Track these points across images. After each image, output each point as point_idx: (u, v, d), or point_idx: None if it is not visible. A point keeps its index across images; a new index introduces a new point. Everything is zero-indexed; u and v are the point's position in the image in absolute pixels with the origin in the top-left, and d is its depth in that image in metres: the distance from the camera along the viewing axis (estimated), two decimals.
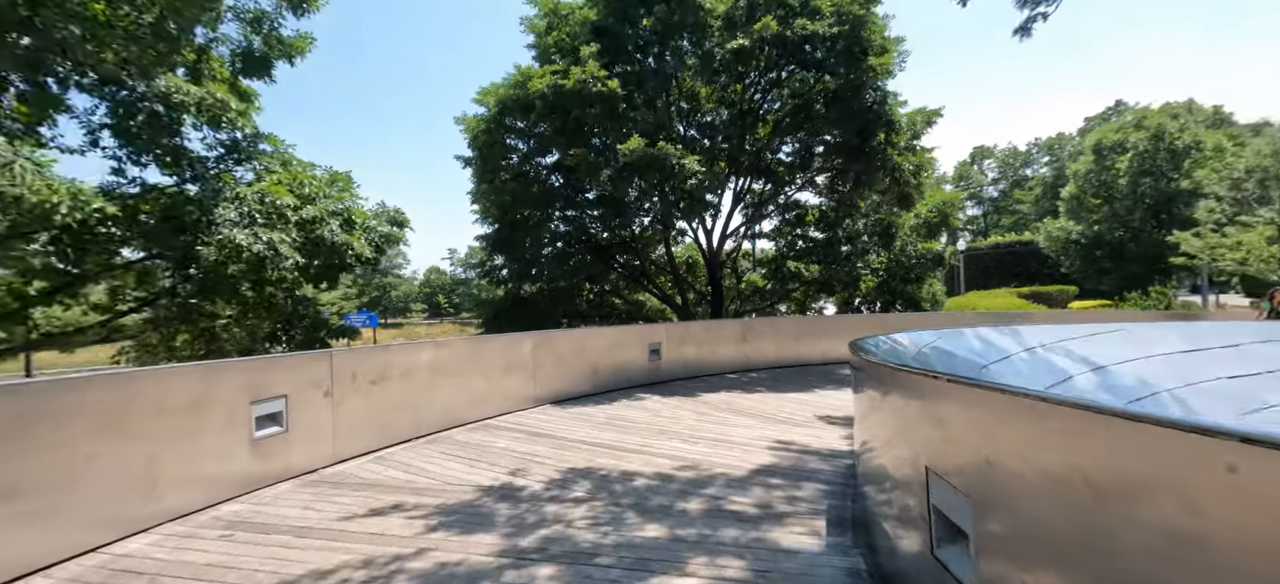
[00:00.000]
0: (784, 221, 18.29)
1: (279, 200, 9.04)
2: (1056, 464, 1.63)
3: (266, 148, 10.67)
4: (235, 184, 9.00)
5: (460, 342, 7.82)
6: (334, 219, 9.70)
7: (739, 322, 12.20)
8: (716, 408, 8.14)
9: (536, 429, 6.87)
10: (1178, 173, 26.69)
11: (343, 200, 10.34)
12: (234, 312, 9.71)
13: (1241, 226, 20.85)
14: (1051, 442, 1.65)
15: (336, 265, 9.85)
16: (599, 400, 8.72)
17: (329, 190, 10.48)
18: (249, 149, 10.17)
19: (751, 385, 10.07)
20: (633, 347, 10.18)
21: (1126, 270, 28.49)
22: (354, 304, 52.82)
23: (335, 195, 10.44)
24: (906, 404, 2.86)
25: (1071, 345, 8.18)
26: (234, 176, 9.80)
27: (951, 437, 2.38)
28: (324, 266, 9.74)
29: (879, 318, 16.16)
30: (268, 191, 9.01)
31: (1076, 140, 58.20)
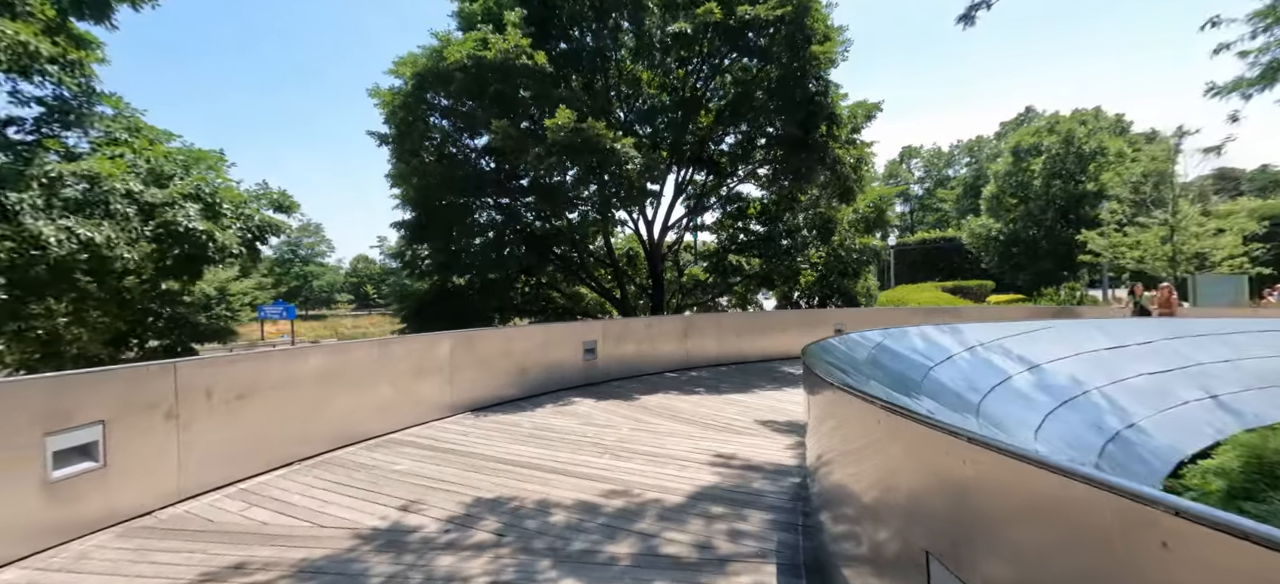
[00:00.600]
0: (726, 214, 17.98)
1: (111, 180, 7.32)
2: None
3: (105, 111, 8.76)
4: (44, 161, 7.09)
5: (361, 345, 6.79)
6: (190, 203, 8.18)
7: (681, 318, 11.68)
8: (654, 413, 7.53)
9: (448, 444, 6.00)
10: (1084, 175, 28.68)
11: (203, 181, 8.74)
12: (67, 312, 8.04)
13: (1139, 227, 22.50)
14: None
15: (195, 258, 8.34)
16: (526, 406, 7.91)
17: (195, 167, 8.92)
18: (80, 110, 8.22)
19: (691, 385, 9.55)
20: (566, 345, 9.42)
21: (1039, 267, 30.40)
22: (269, 295, 48.88)
23: (198, 175, 8.88)
24: (893, 448, 2.27)
25: (1008, 343, 8.15)
26: (64, 144, 8.04)
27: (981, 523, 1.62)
28: (182, 259, 8.24)
29: (818, 313, 16.16)
30: (97, 169, 7.29)
31: (993, 143, 61.99)
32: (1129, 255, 22.68)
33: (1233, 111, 8.77)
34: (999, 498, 1.48)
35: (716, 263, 18.29)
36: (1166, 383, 8.28)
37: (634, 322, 11.15)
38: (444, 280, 13.64)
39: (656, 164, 10.87)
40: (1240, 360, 9.11)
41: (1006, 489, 1.46)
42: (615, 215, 15.31)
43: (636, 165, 10.00)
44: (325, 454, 5.62)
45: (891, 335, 6.79)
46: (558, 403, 8.17)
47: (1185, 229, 20.81)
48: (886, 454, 2.44)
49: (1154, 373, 8.38)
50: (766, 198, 17.16)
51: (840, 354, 5.09)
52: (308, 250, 58.10)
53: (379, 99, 11.88)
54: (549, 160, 10.13)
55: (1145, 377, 8.27)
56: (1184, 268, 21.48)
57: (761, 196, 17.36)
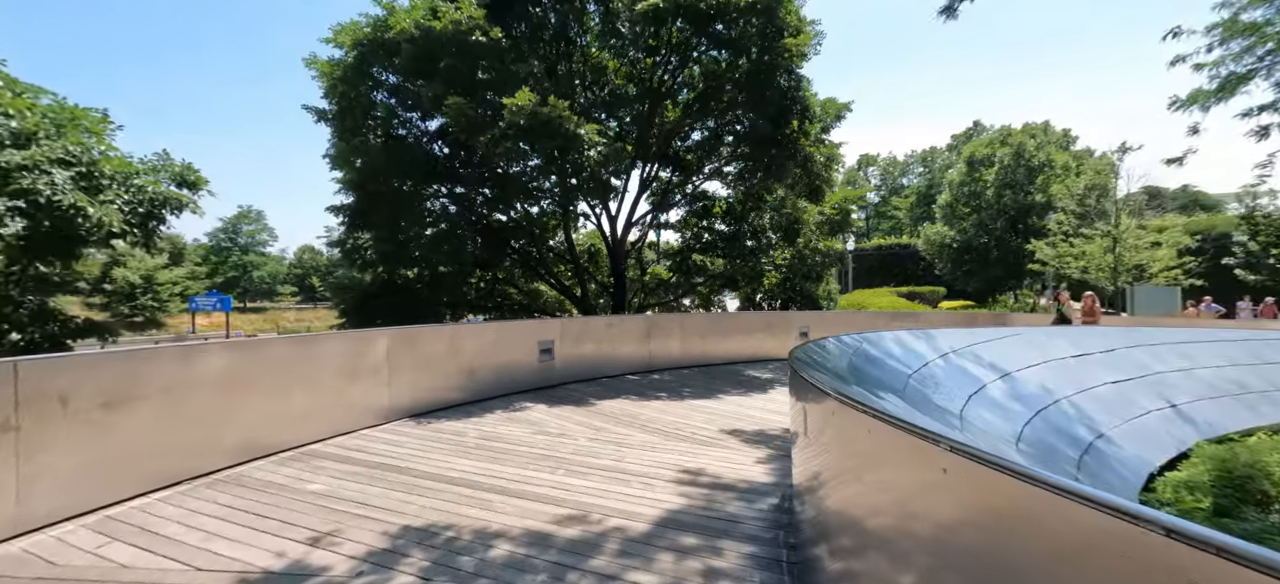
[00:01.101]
0: (691, 213, 17.53)
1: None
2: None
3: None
4: None
5: (278, 342, 5.94)
6: (58, 170, 6.97)
7: (644, 318, 11.13)
8: (614, 420, 6.93)
9: (378, 457, 5.23)
10: (1033, 186, 29.79)
11: (78, 145, 7.49)
12: None
13: (1084, 238, 23.40)
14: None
15: (67, 236, 7.13)
16: (473, 412, 7.18)
17: (70, 129, 7.66)
18: None
19: (654, 390, 9.00)
20: (520, 345, 8.71)
21: (990, 274, 31.41)
22: (203, 285, 45.74)
23: (73, 138, 7.65)
24: (915, 474, 1.77)
25: (979, 350, 7.94)
26: None
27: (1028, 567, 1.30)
28: (48, 236, 7.02)
29: (782, 315, 15.91)
30: None
31: (945, 155, 64.21)
32: (1074, 265, 23.56)
33: (1193, 123, 8.90)
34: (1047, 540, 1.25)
35: (680, 262, 17.82)
36: (1129, 392, 8.30)
37: (594, 321, 10.53)
38: (390, 272, 12.64)
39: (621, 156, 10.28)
40: (1194, 370, 9.27)
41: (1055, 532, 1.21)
42: (577, 208, 14.63)
43: (600, 153, 9.37)
44: (225, 471, 4.77)
45: (868, 340, 6.43)
46: (509, 408, 7.47)
47: (1126, 241, 21.72)
48: (905, 481, 1.97)
49: (1117, 381, 8.39)
50: (732, 197, 16.81)
51: (831, 359, 4.63)
52: (248, 239, 54.66)
53: (317, 70, 10.82)
54: (506, 144, 9.38)
55: (1109, 386, 8.27)
56: (1124, 278, 22.43)
57: (728, 195, 17.01)
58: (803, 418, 3.41)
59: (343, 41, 10.55)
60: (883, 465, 2.17)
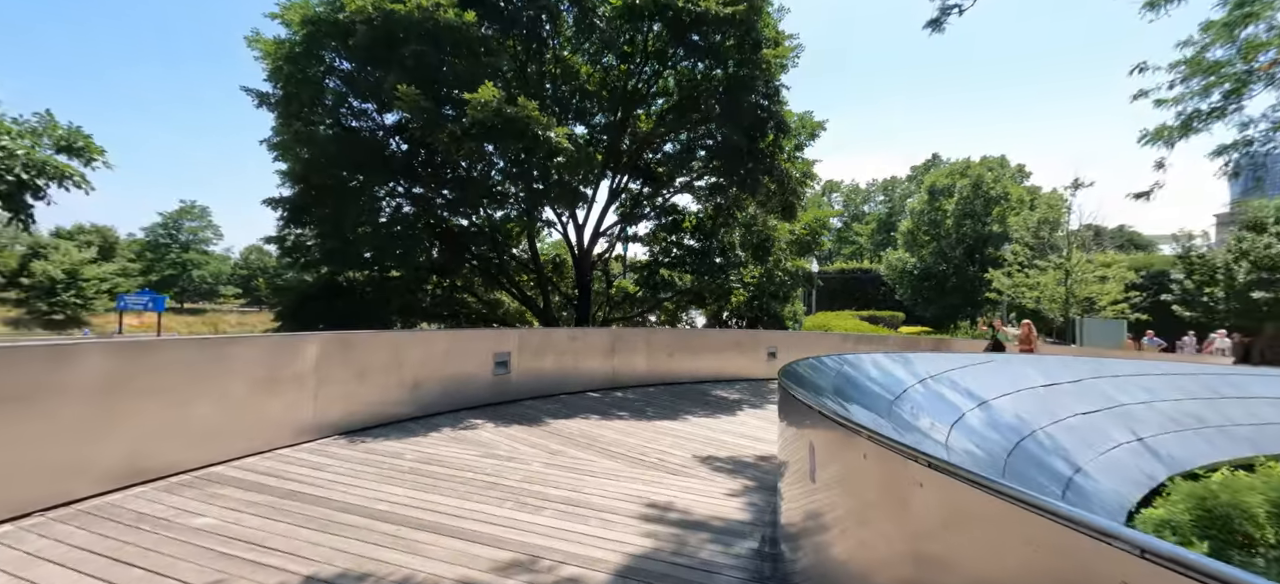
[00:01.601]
0: (660, 226, 17.12)
1: None
2: None
3: None
4: None
5: (178, 343, 5.09)
6: None
7: (608, 332, 10.54)
8: (573, 443, 6.30)
9: (293, 483, 4.46)
10: (990, 217, 30.78)
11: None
12: None
13: (1038, 269, 24.16)
14: None
15: None
16: (415, 430, 6.43)
17: None
18: None
19: (617, 409, 8.40)
20: (473, 356, 7.99)
21: (947, 301, 32.17)
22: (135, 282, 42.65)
23: None
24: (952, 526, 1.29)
25: (955, 376, 7.67)
26: None
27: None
28: None
29: (750, 334, 15.58)
30: None
31: (905, 184, 66.33)
32: (1028, 296, 24.24)
33: (1158, 158, 9.01)
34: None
35: (647, 276, 17.36)
36: (1099, 423, 8.21)
37: (556, 332, 9.89)
38: (333, 274, 11.66)
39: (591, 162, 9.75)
40: (1155, 402, 9.30)
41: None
42: (543, 215, 14.00)
43: (569, 157, 8.80)
44: (94, 500, 3.92)
45: (849, 362, 6.05)
46: (457, 426, 6.74)
47: (1078, 274, 22.47)
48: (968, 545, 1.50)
49: (1087, 413, 8.29)
50: (702, 212, 16.49)
51: (820, 381, 4.17)
52: (189, 235, 51.41)
53: (261, 49, 9.92)
54: (469, 144, 8.71)
55: (1079, 416, 8.16)
56: (1074, 310, 23.18)
57: (698, 210, 16.68)
58: (804, 449, 2.89)
59: (290, 20, 9.71)
60: (930, 520, 1.67)
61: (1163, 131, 8.86)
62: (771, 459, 6.20)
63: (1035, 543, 1.25)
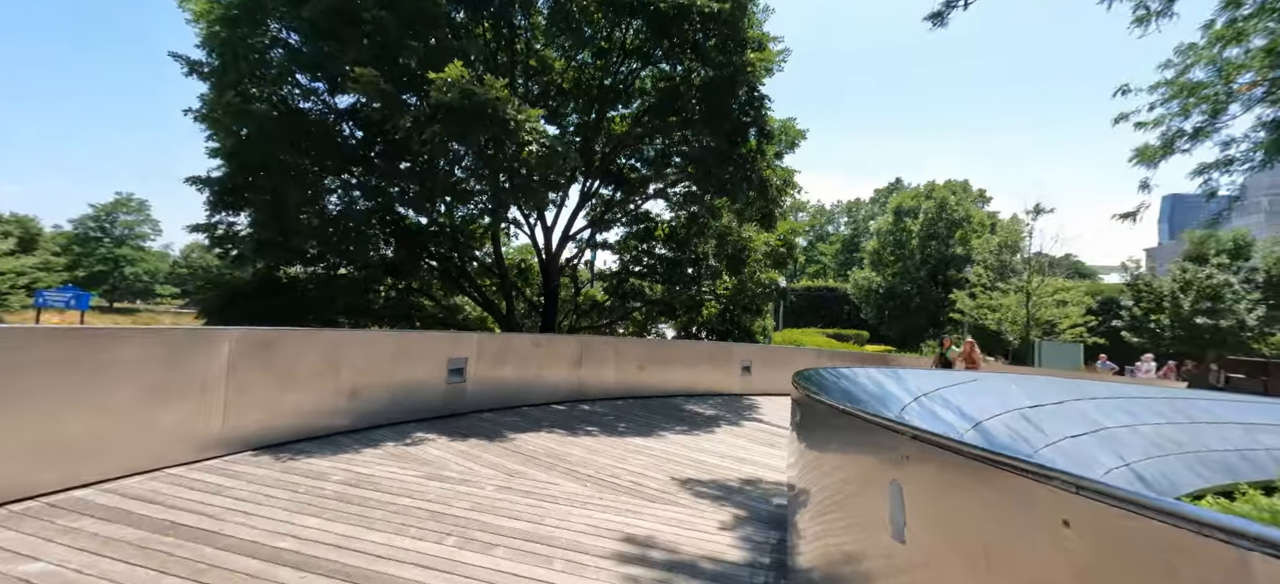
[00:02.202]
0: (631, 234, 16.49)
1: None
2: None
3: None
4: None
5: (43, 335, 4.10)
6: None
7: (576, 340, 9.78)
8: (535, 462, 5.51)
9: (177, 513, 3.54)
10: (953, 240, 31.45)
11: None
12: None
13: (1000, 291, 24.62)
14: None
15: None
16: (350, 444, 5.52)
17: None
18: None
19: (585, 423, 7.63)
20: (424, 361, 7.11)
21: (911, 321, 32.61)
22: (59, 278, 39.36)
23: None
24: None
25: (946, 394, 7.21)
26: None
27: None
28: None
29: (723, 347, 15.02)
30: None
31: (869, 206, 67.90)
32: (991, 318, 24.63)
33: (1143, 179, 8.94)
34: None
35: (617, 284, 16.66)
36: (1088, 448, 7.92)
37: (519, 339, 9.06)
38: (270, 269, 10.50)
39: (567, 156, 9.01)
40: (1138, 426, 9.14)
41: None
42: (509, 215, 13.18)
43: (540, 149, 8.07)
44: None
45: (845, 376, 5.49)
46: (402, 441, 5.86)
47: (1039, 297, 22.93)
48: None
49: (1076, 436, 8.01)
50: (676, 221, 15.95)
51: (836, 395, 3.56)
52: (124, 230, 47.91)
53: (192, 11, 8.85)
54: (432, 128, 7.85)
55: (1070, 440, 7.86)
56: (1035, 333, 23.64)
57: (671, 218, 16.13)
58: (860, 486, 2.24)
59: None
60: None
61: (1147, 152, 8.79)
62: (758, 483, 5.56)
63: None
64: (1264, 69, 7.86)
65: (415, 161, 11.69)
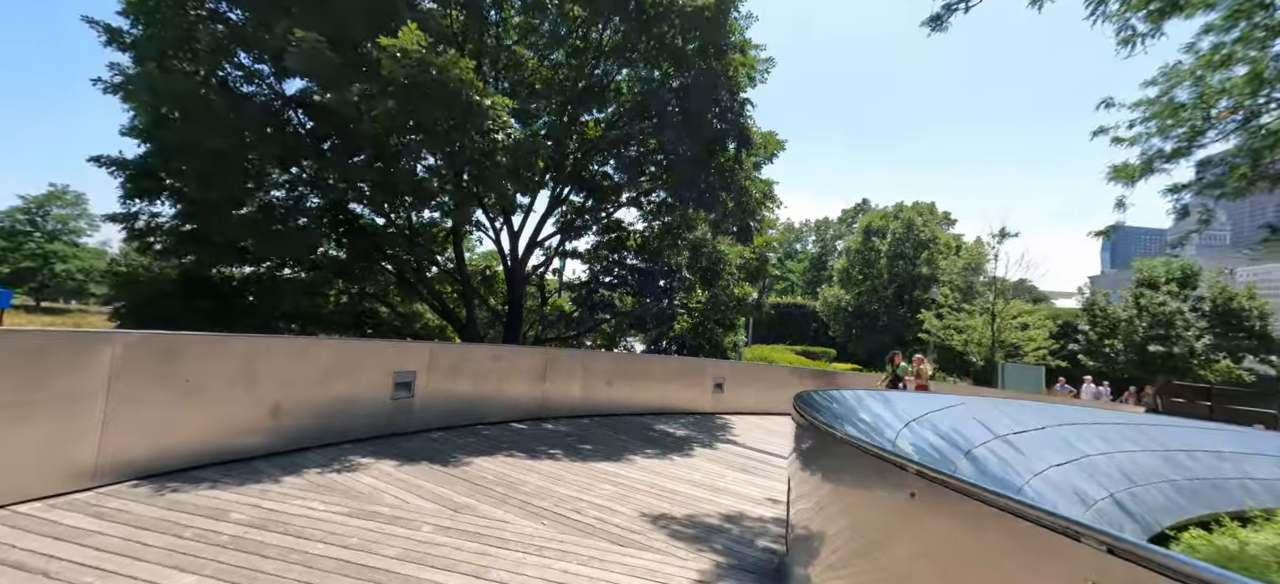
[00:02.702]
0: (602, 243, 15.88)
1: None
2: None
3: None
4: None
5: None
6: None
7: (540, 352, 9.07)
8: (486, 492, 4.80)
9: (1, 575, 2.72)
10: (919, 260, 31.91)
11: None
12: None
13: (966, 313, 24.93)
14: None
15: None
16: (265, 474, 4.70)
17: None
18: None
19: (547, 445, 6.93)
20: (366, 372, 6.31)
21: (878, 340, 32.84)
22: None
23: None
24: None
25: (935, 420, 6.82)
26: None
27: None
28: None
29: (694, 362, 14.50)
30: None
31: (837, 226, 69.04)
32: (957, 339, 24.87)
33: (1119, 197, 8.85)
34: None
35: (586, 295, 16.00)
36: (1073, 477, 7.64)
37: (477, 350, 8.31)
38: (199, 266, 9.45)
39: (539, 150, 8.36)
40: (1114, 453, 8.96)
41: None
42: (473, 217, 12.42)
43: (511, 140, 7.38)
44: None
45: (836, 399, 4.99)
46: (331, 466, 5.06)
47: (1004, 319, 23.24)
48: None
49: (1060, 465, 7.73)
50: (648, 231, 15.42)
51: (860, 422, 3.03)
52: (57, 224, 44.65)
53: None
54: (386, 103, 7.04)
55: (1055, 469, 7.56)
56: (999, 355, 23.94)
57: (644, 229, 15.60)
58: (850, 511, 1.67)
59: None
60: None
61: (1125, 170, 8.70)
62: (740, 520, 4.97)
63: None
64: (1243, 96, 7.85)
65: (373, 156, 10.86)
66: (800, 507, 3.47)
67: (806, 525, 3.23)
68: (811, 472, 3.26)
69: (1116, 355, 27.41)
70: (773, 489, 6.09)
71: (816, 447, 3.15)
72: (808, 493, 3.31)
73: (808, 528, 3.20)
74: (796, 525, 3.51)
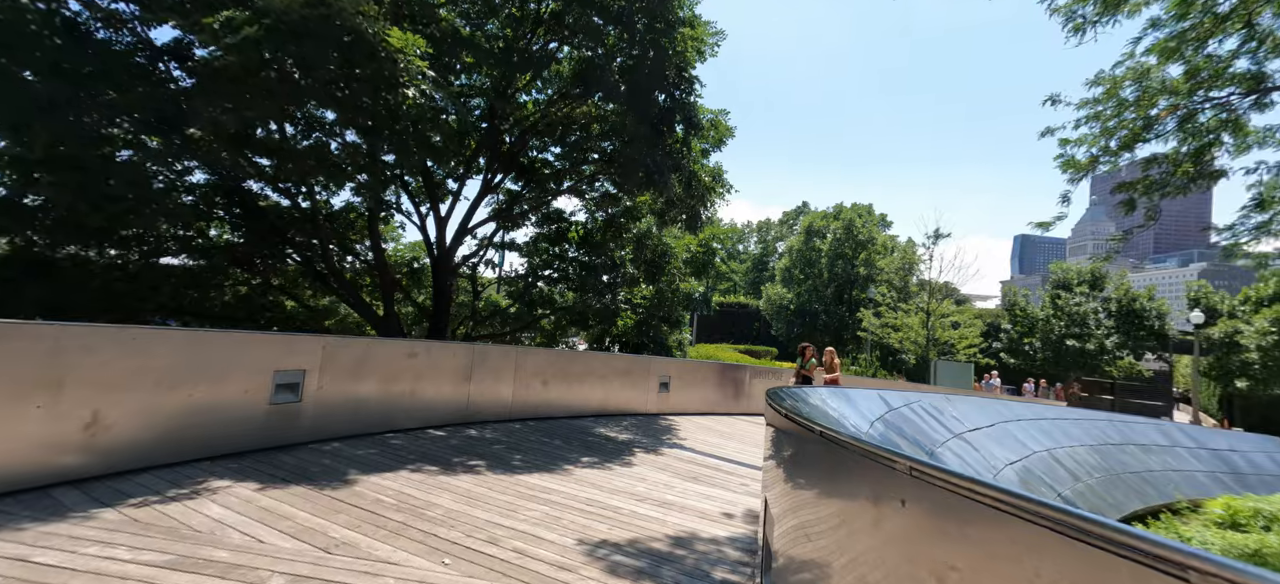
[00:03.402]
0: (542, 235, 14.84)
1: None
2: None
3: None
4: None
5: None
6: None
7: (465, 348, 8.00)
8: (376, 520, 3.79)
9: None
10: (858, 261, 32.67)
11: None
12: None
13: (903, 312, 25.57)
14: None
15: None
16: (62, 506, 3.49)
17: None
18: None
19: (469, 455, 5.92)
20: (236, 372, 5.11)
21: (818, 339, 33.34)
22: None
23: None
24: None
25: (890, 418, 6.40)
26: None
27: None
28: None
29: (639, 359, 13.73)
30: None
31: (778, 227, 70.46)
32: (893, 337, 25.44)
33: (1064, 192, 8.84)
34: None
35: (524, 290, 14.92)
36: (1033, 474, 7.44)
37: (386, 345, 7.15)
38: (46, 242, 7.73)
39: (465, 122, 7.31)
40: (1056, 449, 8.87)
41: None
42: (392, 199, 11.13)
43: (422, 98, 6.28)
44: None
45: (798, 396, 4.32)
46: (167, 494, 3.89)
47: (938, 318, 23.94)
48: None
49: (1013, 462, 7.50)
50: (591, 222, 14.52)
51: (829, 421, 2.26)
52: None
53: None
54: (244, 32, 5.66)
55: (1011, 467, 7.33)
56: (933, 352, 24.65)
57: (586, 220, 14.68)
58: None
59: None
60: None
61: (1072, 163, 8.67)
62: (691, 542, 4.19)
63: None
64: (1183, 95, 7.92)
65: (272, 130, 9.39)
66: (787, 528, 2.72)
67: (797, 554, 2.48)
68: (806, 487, 2.51)
69: (1035, 353, 28.96)
70: (729, 502, 5.38)
71: (819, 457, 2.40)
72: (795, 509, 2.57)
73: (798, 556, 2.45)
74: (781, 554, 2.75)
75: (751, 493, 5.82)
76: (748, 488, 6.00)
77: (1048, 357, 28.79)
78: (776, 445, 3.25)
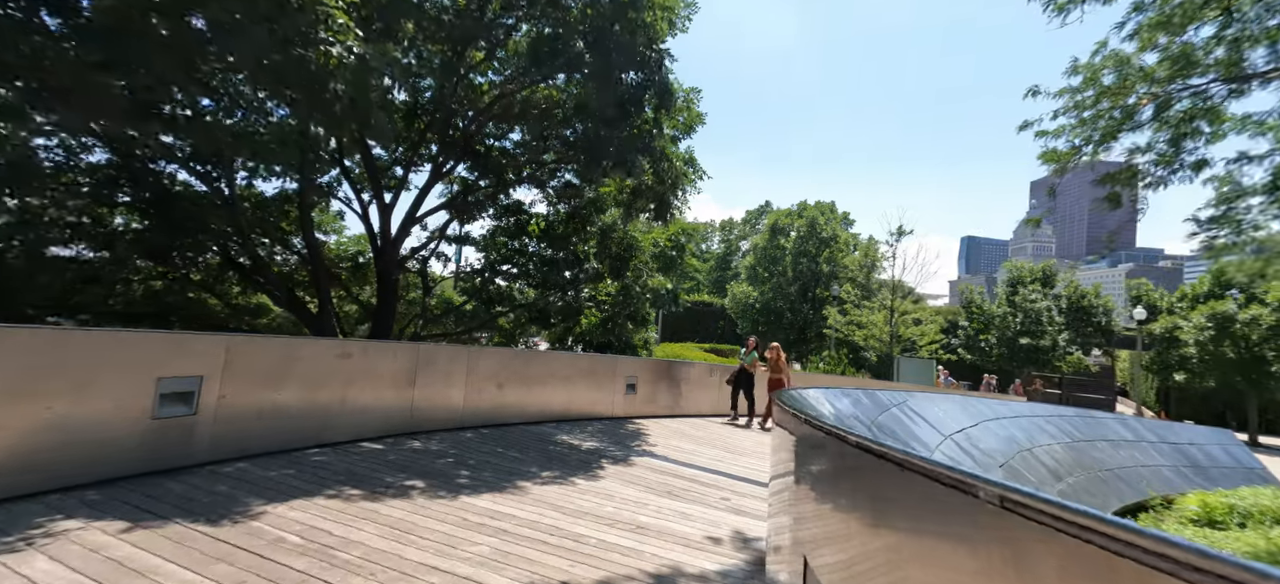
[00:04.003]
0: (500, 228, 13.89)
1: None
2: None
3: None
4: None
5: None
6: None
7: (409, 348, 7.07)
8: (269, 573, 2.91)
9: None
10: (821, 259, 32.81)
11: None
12: None
13: (867, 309, 25.67)
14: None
15: None
16: None
17: None
18: None
19: (406, 474, 5.03)
20: (115, 379, 4.12)
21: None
22: None
23: None
24: None
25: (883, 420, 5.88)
26: None
27: None
28: None
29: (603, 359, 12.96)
30: None
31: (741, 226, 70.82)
32: (858, 335, 25.50)
33: (1050, 185, 8.61)
34: None
35: (480, 286, 13.94)
36: (1018, 477, 7.08)
37: (311, 345, 6.17)
38: None
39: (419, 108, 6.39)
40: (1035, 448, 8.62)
41: None
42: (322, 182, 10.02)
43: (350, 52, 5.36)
44: None
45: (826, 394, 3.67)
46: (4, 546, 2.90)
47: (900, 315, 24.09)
48: None
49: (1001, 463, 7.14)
50: (554, 215, 13.66)
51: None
52: None
53: None
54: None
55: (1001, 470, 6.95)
56: (896, 349, 24.80)
57: (547, 212, 13.81)
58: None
59: None
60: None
61: (1052, 156, 8.43)
62: (675, 579, 3.47)
63: None
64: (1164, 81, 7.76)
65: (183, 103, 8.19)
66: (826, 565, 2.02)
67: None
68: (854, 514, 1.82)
69: (991, 349, 29.64)
70: (712, 522, 4.69)
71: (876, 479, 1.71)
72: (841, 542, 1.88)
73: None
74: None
75: (735, 509, 5.16)
76: (730, 503, 5.34)
77: (1003, 353, 29.50)
78: (799, 459, 2.55)
